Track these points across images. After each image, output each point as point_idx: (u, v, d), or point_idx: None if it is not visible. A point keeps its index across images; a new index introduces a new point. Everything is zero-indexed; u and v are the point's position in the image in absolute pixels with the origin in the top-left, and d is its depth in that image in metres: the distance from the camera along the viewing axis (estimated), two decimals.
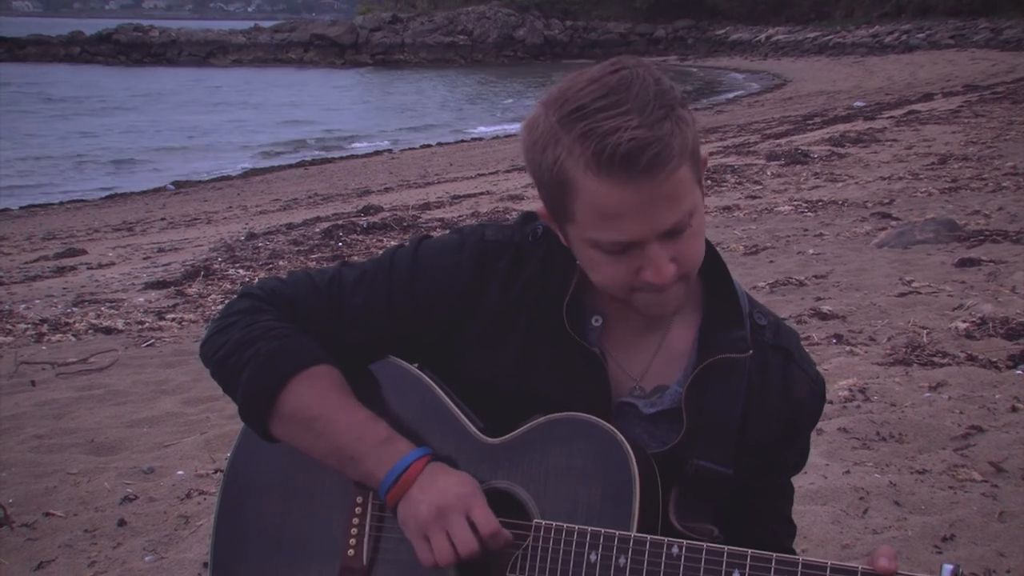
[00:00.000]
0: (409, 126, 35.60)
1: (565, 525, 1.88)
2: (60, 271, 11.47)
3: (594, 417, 1.91)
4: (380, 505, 2.02)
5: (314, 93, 51.86)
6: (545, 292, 2.00)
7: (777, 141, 18.83)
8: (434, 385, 2.05)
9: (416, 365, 2.09)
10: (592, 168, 1.73)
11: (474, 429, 2.00)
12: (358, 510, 2.04)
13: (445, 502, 1.88)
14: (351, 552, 2.03)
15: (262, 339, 2.00)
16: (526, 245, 2.05)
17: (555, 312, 1.98)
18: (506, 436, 1.97)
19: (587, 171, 1.74)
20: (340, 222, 12.75)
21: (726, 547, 1.78)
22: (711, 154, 16.66)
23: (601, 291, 1.95)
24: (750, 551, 1.76)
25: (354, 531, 2.04)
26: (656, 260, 1.80)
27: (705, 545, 1.80)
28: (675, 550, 1.80)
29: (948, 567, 1.65)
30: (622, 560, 1.83)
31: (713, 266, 2.04)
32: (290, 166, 26.16)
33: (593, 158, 1.72)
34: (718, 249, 2.06)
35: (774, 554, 1.75)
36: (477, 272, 2.02)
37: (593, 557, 1.85)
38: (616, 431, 1.88)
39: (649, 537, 1.83)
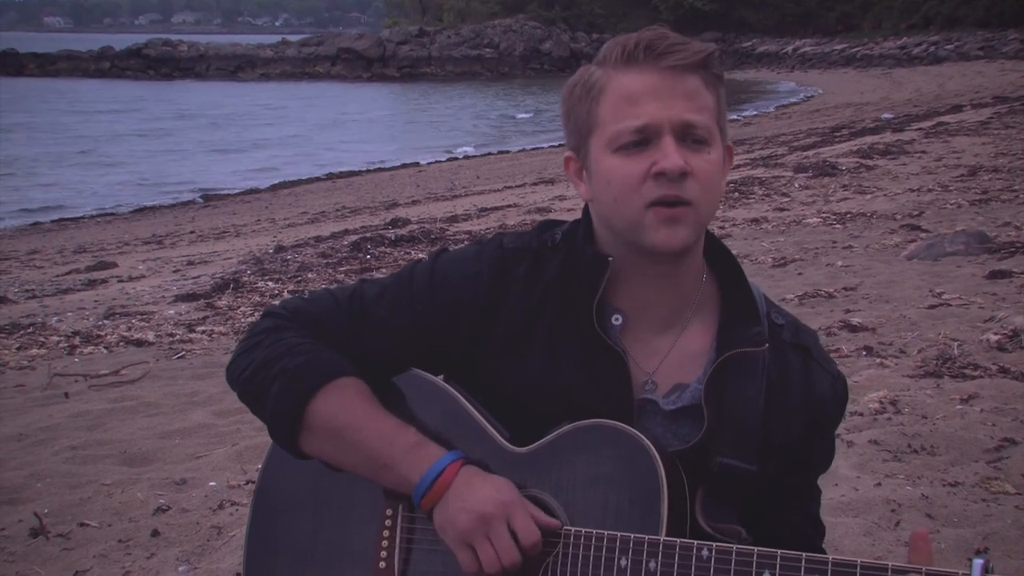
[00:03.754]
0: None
1: (595, 531, 1.89)
2: (91, 284, 11.56)
3: (620, 424, 1.92)
4: (410, 517, 2.03)
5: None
6: (567, 294, 2.02)
7: (805, 153, 18.76)
8: (459, 396, 2.06)
9: (441, 377, 2.11)
10: (621, 62, 1.92)
11: (500, 439, 2.01)
12: (388, 522, 2.06)
13: (487, 510, 1.88)
14: (382, 564, 2.04)
15: (287, 355, 2.03)
16: (544, 251, 2.08)
17: (580, 312, 2.00)
18: (533, 445, 1.98)
19: (615, 68, 1.93)
20: (368, 235, 12.76)
21: (756, 548, 1.80)
22: (737, 167, 16.61)
23: (620, 284, 2.00)
24: (780, 551, 1.77)
25: (385, 543, 2.05)
26: (669, 148, 1.88)
27: (735, 547, 1.81)
28: (705, 552, 1.81)
29: (978, 562, 1.64)
30: (652, 564, 1.84)
31: (728, 268, 2.08)
32: (317, 179, 26.30)
33: (621, 54, 1.93)
34: (745, 261, 2.08)
35: (804, 554, 1.76)
36: (497, 280, 2.05)
37: (623, 562, 1.85)
38: (642, 436, 1.89)
39: (679, 540, 1.84)
